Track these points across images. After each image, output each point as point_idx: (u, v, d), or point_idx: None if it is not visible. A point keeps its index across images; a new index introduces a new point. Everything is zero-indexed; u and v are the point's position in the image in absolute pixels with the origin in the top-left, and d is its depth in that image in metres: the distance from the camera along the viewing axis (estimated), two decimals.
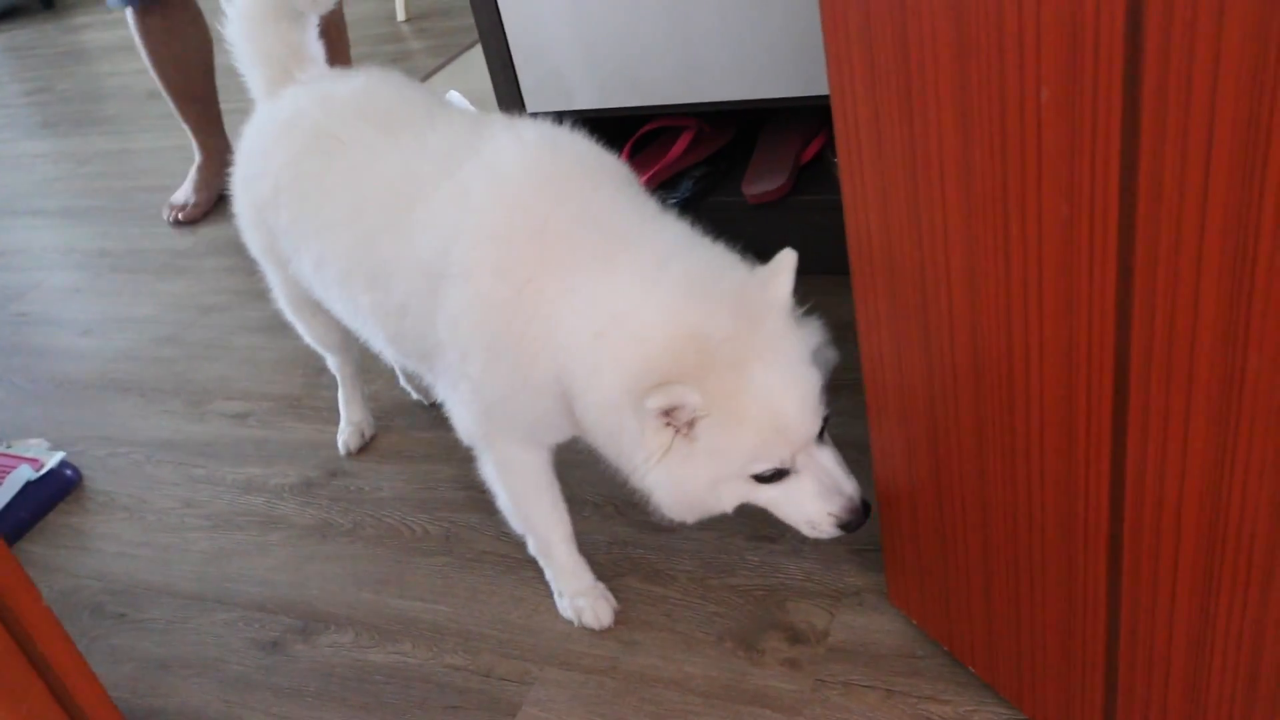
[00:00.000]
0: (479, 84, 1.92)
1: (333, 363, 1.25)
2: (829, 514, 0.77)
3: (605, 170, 0.89)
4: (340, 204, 0.97)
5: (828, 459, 0.78)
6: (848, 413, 0.90)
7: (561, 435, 0.87)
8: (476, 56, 2.10)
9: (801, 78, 1.18)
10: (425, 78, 2.39)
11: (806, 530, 0.79)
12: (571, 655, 0.91)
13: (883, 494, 0.81)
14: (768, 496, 0.78)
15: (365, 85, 1.06)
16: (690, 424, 0.72)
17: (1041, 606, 0.69)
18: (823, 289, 0.85)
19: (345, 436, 1.25)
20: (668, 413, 0.71)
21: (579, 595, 0.94)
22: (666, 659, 0.89)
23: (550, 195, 0.81)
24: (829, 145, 1.30)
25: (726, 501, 0.79)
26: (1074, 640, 0.67)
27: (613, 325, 0.76)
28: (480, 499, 1.06)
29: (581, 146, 0.90)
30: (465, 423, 0.92)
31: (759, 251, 0.85)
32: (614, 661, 0.90)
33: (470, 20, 1.52)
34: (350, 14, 1.89)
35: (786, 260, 0.74)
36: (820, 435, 0.77)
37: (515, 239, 0.80)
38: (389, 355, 1.08)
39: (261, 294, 1.30)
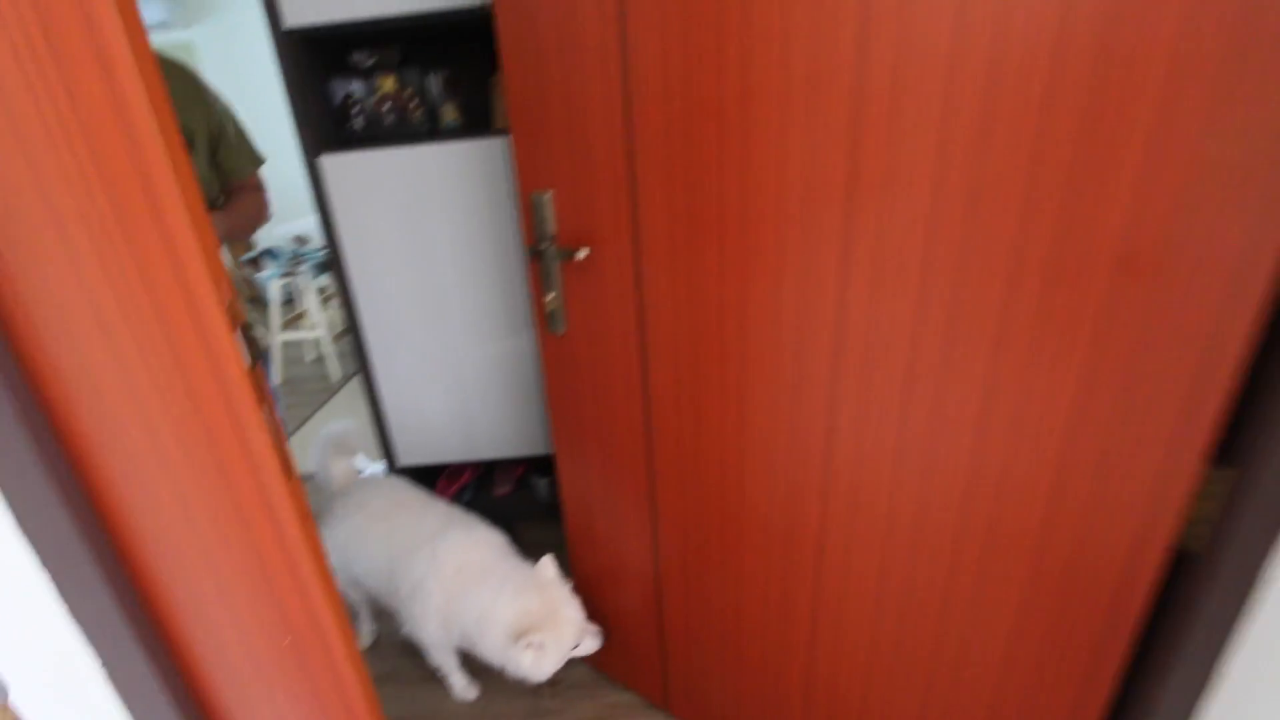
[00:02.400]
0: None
1: (363, 609, 1.68)
2: None
3: (494, 546, 1.36)
4: (377, 541, 1.42)
5: None
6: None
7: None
8: (332, 406, 3.03)
9: (526, 443, 1.94)
10: (301, 424, 2.90)
11: None
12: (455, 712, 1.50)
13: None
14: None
15: (384, 483, 1.53)
16: (542, 645, 1.19)
17: (630, 624, 1.30)
18: (528, 524, 1.68)
19: (361, 638, 1.72)
20: (530, 643, 1.16)
21: (463, 689, 1.50)
22: (487, 705, 1.49)
23: (468, 559, 1.30)
24: (528, 471, 2.11)
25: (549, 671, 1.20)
26: (645, 634, 1.26)
27: (486, 614, 1.23)
28: (417, 657, 1.64)
29: (488, 536, 1.37)
30: (415, 635, 1.39)
31: (509, 512, 1.73)
32: (481, 712, 1.49)
33: (321, 384, 2.50)
34: None
35: (547, 568, 1.26)
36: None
37: (450, 580, 1.29)
38: (386, 603, 1.47)
39: None
